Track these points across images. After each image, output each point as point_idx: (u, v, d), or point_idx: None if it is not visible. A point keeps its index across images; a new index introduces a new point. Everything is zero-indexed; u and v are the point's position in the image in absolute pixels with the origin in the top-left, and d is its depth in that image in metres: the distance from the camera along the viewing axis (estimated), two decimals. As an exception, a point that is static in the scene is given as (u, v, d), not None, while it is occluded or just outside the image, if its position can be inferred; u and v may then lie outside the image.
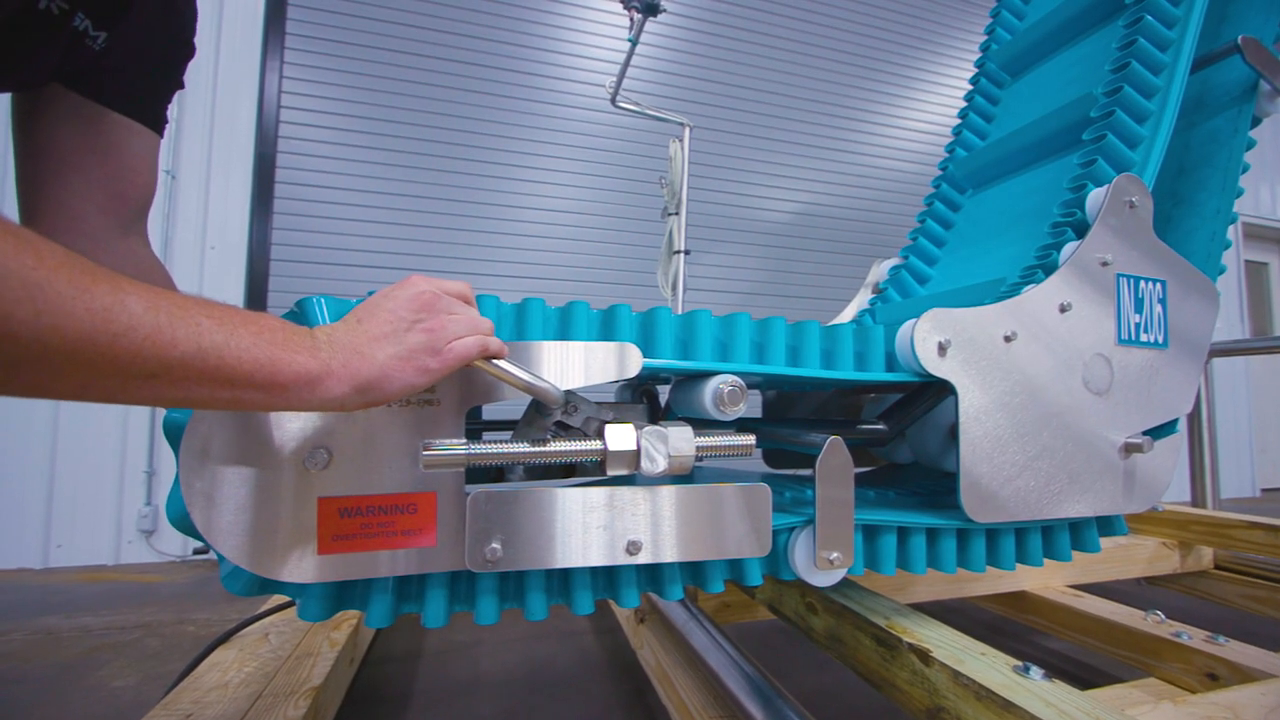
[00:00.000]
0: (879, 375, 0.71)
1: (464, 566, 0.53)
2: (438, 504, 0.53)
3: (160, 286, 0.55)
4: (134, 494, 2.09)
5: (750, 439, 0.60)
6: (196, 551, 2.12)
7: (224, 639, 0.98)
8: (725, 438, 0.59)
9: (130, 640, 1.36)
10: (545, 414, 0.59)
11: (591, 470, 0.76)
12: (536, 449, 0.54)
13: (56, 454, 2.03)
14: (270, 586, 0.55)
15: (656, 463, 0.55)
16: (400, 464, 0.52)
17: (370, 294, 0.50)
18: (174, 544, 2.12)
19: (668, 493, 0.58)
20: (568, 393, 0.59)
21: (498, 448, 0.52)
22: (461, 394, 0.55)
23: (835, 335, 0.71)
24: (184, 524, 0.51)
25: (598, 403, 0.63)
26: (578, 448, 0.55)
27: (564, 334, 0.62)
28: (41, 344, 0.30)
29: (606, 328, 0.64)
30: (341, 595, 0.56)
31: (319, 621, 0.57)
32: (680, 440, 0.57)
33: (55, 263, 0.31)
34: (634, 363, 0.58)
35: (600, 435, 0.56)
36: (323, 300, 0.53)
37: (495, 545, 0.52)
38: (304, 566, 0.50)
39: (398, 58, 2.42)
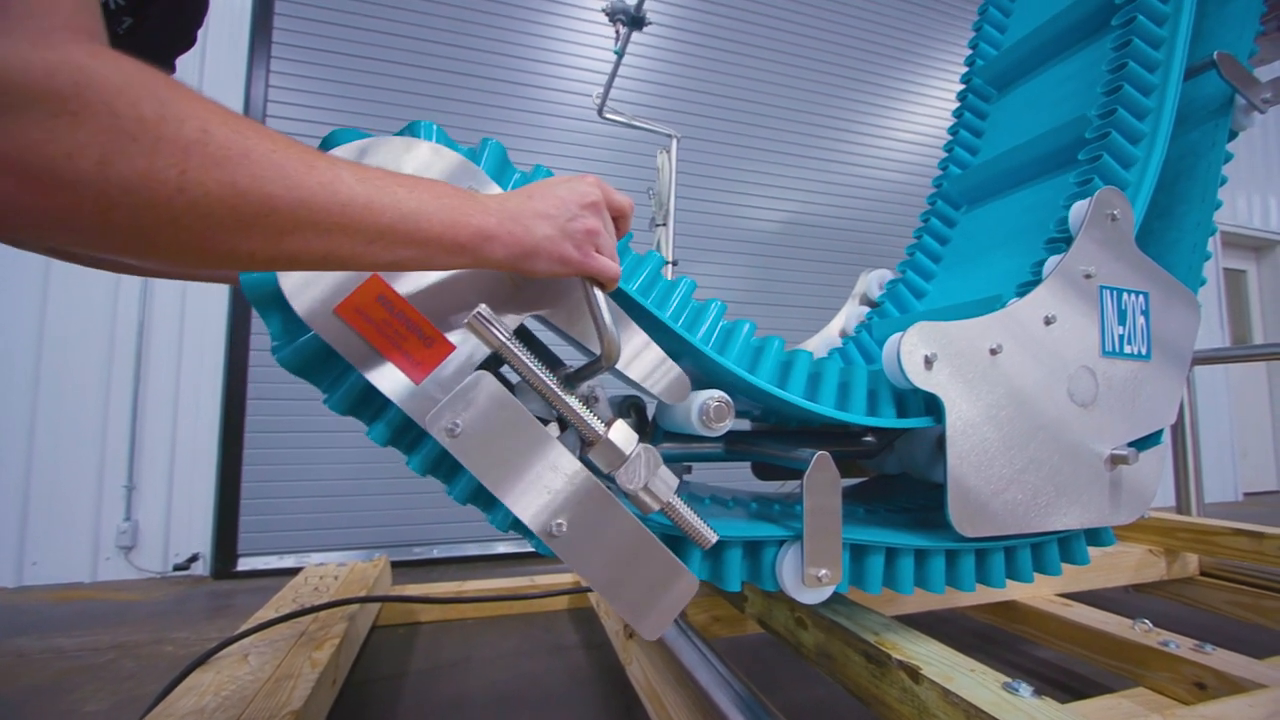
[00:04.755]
0: (890, 421, 0.72)
1: (424, 425, 0.52)
2: (448, 357, 0.54)
3: None
4: (113, 509, 2.05)
5: (712, 538, 0.58)
6: (177, 568, 2.08)
7: (201, 661, 0.96)
8: (693, 518, 0.57)
9: (105, 662, 1.32)
10: (572, 386, 0.58)
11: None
12: (553, 384, 0.53)
13: (32, 468, 1.98)
14: (306, 372, 0.57)
15: (632, 480, 0.54)
16: (451, 305, 0.54)
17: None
18: (154, 560, 2.07)
19: (623, 512, 0.55)
20: (595, 391, 0.62)
21: (530, 359, 0.52)
22: (539, 294, 0.57)
23: (853, 373, 0.74)
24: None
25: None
26: (583, 414, 0.54)
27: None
28: (294, 215, 0.35)
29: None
30: (359, 403, 0.59)
31: (337, 412, 0.58)
32: (661, 482, 0.55)
33: (285, 143, 0.35)
34: (683, 391, 0.62)
35: (608, 426, 0.55)
36: (435, 126, 0.58)
37: (459, 424, 0.51)
38: (321, 316, 0.51)
39: (385, 66, 2.41)
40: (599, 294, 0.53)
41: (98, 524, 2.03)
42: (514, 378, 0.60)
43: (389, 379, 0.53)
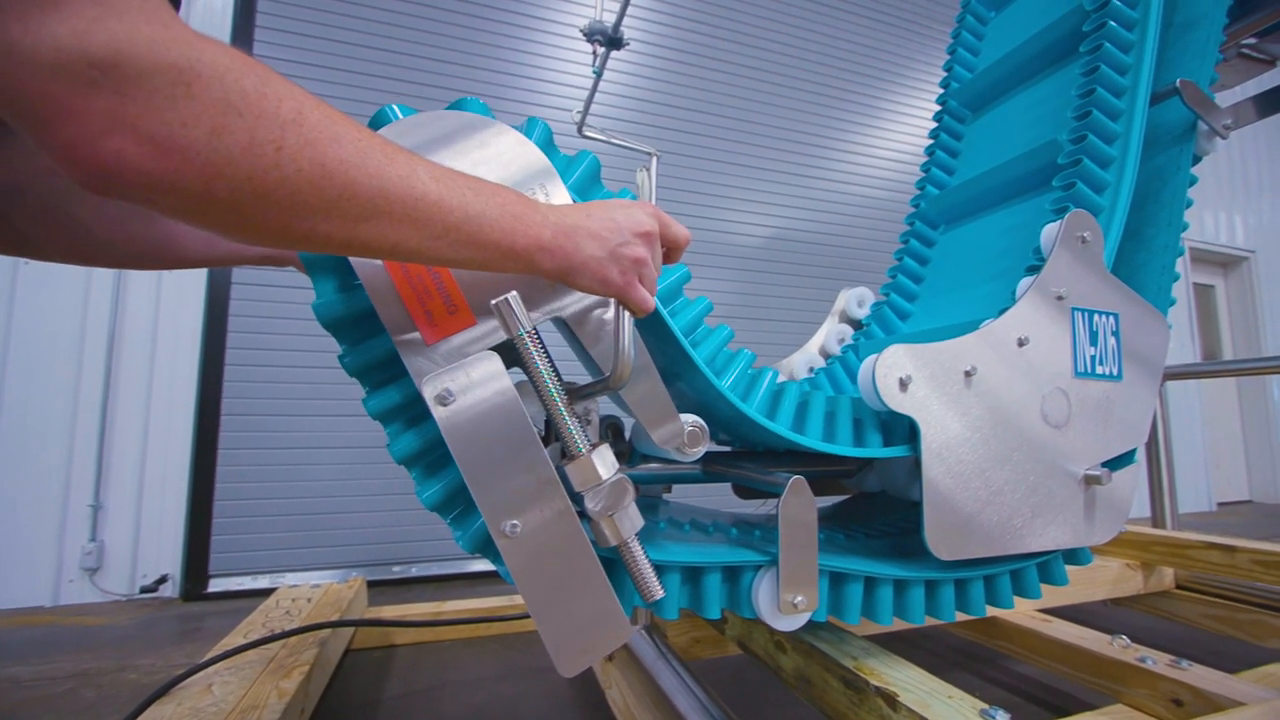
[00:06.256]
0: (876, 451, 0.73)
1: (420, 385, 0.51)
2: (464, 330, 0.56)
3: (139, 230, 0.65)
4: (78, 529, 1.98)
5: (658, 593, 0.56)
6: (144, 590, 2.01)
7: (162, 692, 0.92)
8: (646, 566, 0.56)
9: (63, 692, 1.26)
10: (572, 398, 0.58)
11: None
12: (558, 389, 0.52)
13: (-7, 487, 1.91)
14: (338, 327, 0.59)
15: (598, 502, 0.53)
16: (485, 283, 0.56)
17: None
18: (120, 582, 2.00)
19: (581, 537, 0.53)
20: (591, 415, 0.63)
21: (543, 357, 0.52)
22: (571, 301, 0.58)
23: (838, 403, 0.73)
24: None
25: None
26: (574, 428, 0.53)
27: None
28: (372, 203, 0.37)
29: None
30: (370, 368, 0.60)
31: (348, 371, 0.60)
32: (627, 518, 0.54)
33: (368, 133, 0.37)
34: (678, 437, 0.63)
35: (593, 447, 0.54)
36: (479, 101, 0.62)
37: (452, 393, 0.50)
38: (369, 268, 0.54)
39: (366, 80, 2.41)
40: (627, 318, 0.54)
41: (61, 544, 1.96)
42: (516, 379, 0.60)
43: (395, 320, 0.55)
